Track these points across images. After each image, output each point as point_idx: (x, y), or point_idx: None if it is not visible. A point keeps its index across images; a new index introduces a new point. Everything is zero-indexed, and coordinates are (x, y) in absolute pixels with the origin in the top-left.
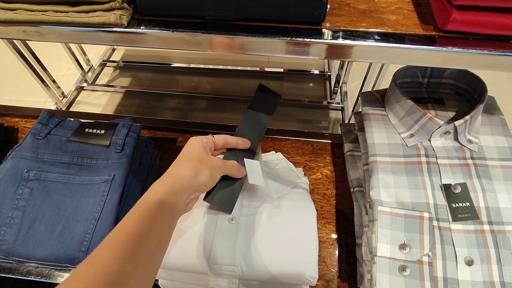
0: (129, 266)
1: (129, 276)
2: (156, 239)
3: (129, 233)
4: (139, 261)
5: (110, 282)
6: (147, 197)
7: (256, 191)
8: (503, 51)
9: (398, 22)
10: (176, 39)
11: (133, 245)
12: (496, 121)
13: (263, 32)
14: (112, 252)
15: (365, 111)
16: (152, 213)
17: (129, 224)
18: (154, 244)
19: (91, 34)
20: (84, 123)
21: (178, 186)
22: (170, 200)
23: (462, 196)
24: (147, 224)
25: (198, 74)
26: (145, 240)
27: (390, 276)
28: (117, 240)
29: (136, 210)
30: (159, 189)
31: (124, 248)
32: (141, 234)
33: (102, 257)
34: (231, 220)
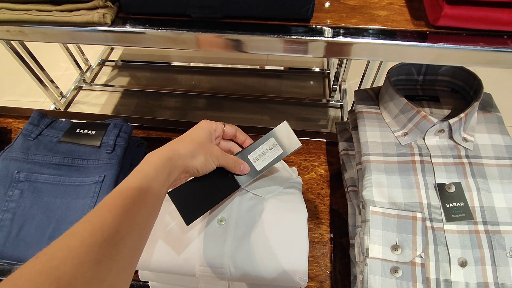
0: (125, 227)
1: (125, 236)
2: (150, 206)
3: (126, 198)
4: (135, 223)
5: (107, 240)
6: (143, 167)
7: (247, 191)
8: (495, 47)
9: (388, 18)
10: (161, 37)
11: (130, 208)
12: (492, 118)
13: (250, 30)
14: (109, 212)
15: (359, 110)
16: (148, 182)
17: (126, 190)
18: (148, 211)
19: (75, 34)
20: (75, 123)
21: (173, 162)
22: (163, 173)
23: (456, 195)
24: (143, 192)
25: (197, 72)
26: (141, 205)
27: (381, 277)
28: (114, 202)
29: (133, 177)
30: (154, 160)
31: (121, 209)
32: (137, 200)
33: (99, 216)
34: (221, 221)
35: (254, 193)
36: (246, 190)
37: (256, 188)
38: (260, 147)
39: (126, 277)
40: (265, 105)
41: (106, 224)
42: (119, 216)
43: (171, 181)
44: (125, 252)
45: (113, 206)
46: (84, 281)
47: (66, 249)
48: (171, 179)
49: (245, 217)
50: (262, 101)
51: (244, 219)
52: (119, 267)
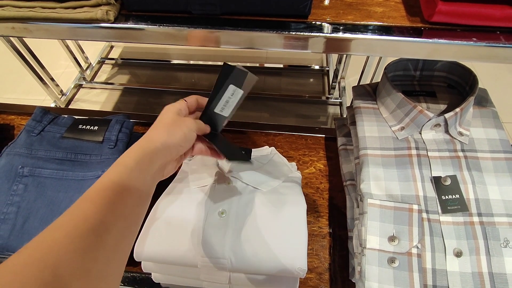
0: (110, 217)
1: (110, 227)
2: (135, 195)
3: (108, 189)
4: (119, 214)
5: (91, 230)
6: (122, 160)
7: (247, 186)
8: (488, 42)
9: (385, 14)
10: (163, 34)
11: (112, 200)
12: (488, 113)
13: (249, 26)
14: (93, 204)
15: (357, 105)
16: (129, 173)
17: (107, 182)
18: (133, 201)
19: (79, 30)
20: (77, 119)
21: (152, 147)
22: (146, 162)
23: (452, 188)
24: (125, 183)
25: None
26: (124, 196)
27: (379, 268)
28: (98, 194)
29: (113, 170)
30: (133, 152)
31: (103, 201)
32: (120, 190)
33: (82, 208)
34: (222, 214)
35: (254, 187)
36: (246, 184)
37: (256, 181)
38: (222, 98)
39: (116, 266)
40: (265, 102)
41: (89, 215)
42: (103, 207)
43: (156, 168)
44: (111, 242)
45: (96, 198)
46: (69, 271)
47: (51, 241)
48: (155, 166)
49: (245, 209)
50: (261, 99)
51: (245, 212)
52: (105, 256)
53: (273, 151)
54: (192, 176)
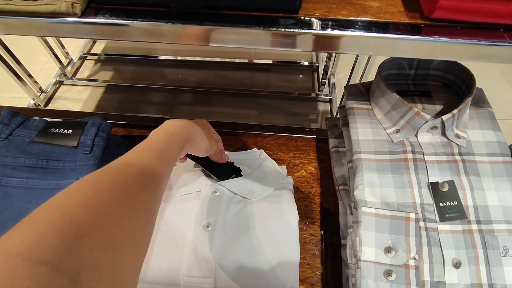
0: (162, 170)
1: (162, 179)
2: (172, 162)
3: (158, 145)
4: (169, 167)
5: (150, 176)
6: (166, 127)
7: (235, 195)
8: (492, 41)
9: (381, 10)
10: (137, 29)
11: (161, 156)
12: (485, 114)
13: (233, 21)
14: (149, 155)
15: (349, 106)
16: (171, 139)
17: (156, 142)
18: (170, 168)
19: (41, 25)
20: (49, 122)
21: (189, 131)
22: (182, 136)
23: (449, 194)
24: (168, 148)
25: (183, 66)
26: (168, 156)
27: (374, 281)
28: (151, 148)
29: (158, 135)
30: (176, 124)
31: (157, 155)
32: (166, 147)
33: (142, 158)
34: (207, 227)
35: (242, 196)
36: (234, 193)
37: (245, 191)
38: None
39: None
40: (254, 99)
41: (146, 164)
42: (157, 159)
43: (186, 147)
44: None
45: (151, 151)
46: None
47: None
48: (187, 145)
49: (232, 222)
50: (250, 96)
51: (232, 224)
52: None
53: (263, 154)
54: (176, 184)
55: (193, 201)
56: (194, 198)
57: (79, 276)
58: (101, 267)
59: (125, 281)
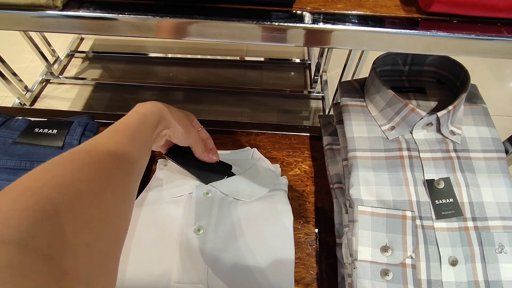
0: (135, 151)
1: (136, 160)
2: (143, 145)
3: (130, 125)
4: (143, 148)
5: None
6: (139, 109)
7: (227, 197)
8: (490, 35)
9: (377, 3)
10: (124, 23)
11: (133, 137)
12: (479, 110)
13: (224, 15)
14: (119, 136)
15: (344, 102)
16: (143, 122)
17: (125, 125)
18: (142, 151)
19: (20, 18)
20: (33, 122)
21: (163, 113)
22: (154, 117)
23: (445, 191)
24: (140, 130)
25: (174, 64)
26: (141, 134)
27: (371, 281)
28: (121, 129)
29: (131, 117)
30: (148, 106)
31: (128, 136)
32: (138, 128)
33: (112, 139)
34: (198, 231)
35: (235, 198)
36: (226, 195)
37: (238, 192)
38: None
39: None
40: (246, 97)
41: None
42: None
43: (159, 128)
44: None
45: (121, 131)
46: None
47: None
48: (160, 126)
49: (225, 224)
50: (242, 93)
51: (224, 227)
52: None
53: (256, 153)
54: (167, 185)
55: (185, 204)
56: (185, 200)
57: (51, 252)
58: (76, 244)
59: (104, 258)
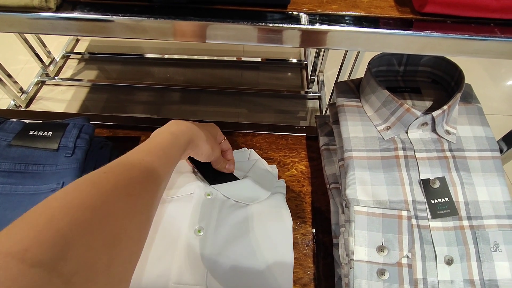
0: (163, 172)
1: (162, 181)
2: (174, 164)
3: (162, 145)
4: (170, 169)
5: (149, 176)
6: (172, 130)
7: (229, 199)
8: (484, 36)
9: (372, 4)
10: (118, 25)
11: (164, 157)
12: (473, 110)
13: (219, 16)
14: (151, 156)
15: (340, 103)
16: (174, 142)
17: (162, 140)
18: (172, 168)
19: (13, 20)
20: (28, 124)
21: (192, 134)
22: (185, 139)
23: (441, 191)
24: (172, 145)
25: (171, 65)
26: (171, 155)
27: (368, 281)
28: (154, 149)
29: (165, 137)
30: (180, 126)
31: (160, 156)
32: (169, 149)
33: (145, 159)
34: (198, 232)
35: (236, 201)
36: (227, 197)
37: (239, 196)
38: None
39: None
40: (243, 97)
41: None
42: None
43: (188, 150)
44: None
45: (153, 151)
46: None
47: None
48: (189, 148)
49: (225, 226)
50: (239, 94)
51: (224, 229)
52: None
53: (253, 154)
54: (168, 185)
55: (185, 204)
56: (186, 201)
57: (73, 277)
58: (97, 268)
59: (119, 282)
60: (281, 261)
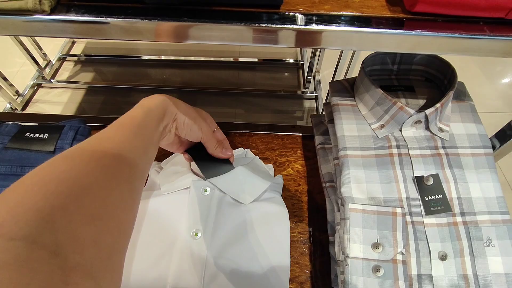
0: (140, 145)
1: (142, 154)
2: (152, 134)
3: (135, 118)
4: (149, 142)
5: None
6: (145, 103)
7: (226, 197)
8: (473, 34)
9: (363, 4)
10: (112, 27)
11: (138, 130)
12: (466, 107)
13: (213, 17)
14: (124, 130)
15: (334, 102)
16: (148, 117)
17: (134, 114)
18: (150, 136)
19: (8, 23)
20: (24, 126)
21: (168, 106)
22: (159, 111)
23: (434, 188)
24: (145, 117)
25: (167, 66)
26: (146, 127)
27: (363, 278)
28: (126, 123)
29: (137, 111)
30: (154, 99)
31: (133, 129)
32: (143, 121)
33: (117, 133)
34: (195, 235)
35: (234, 198)
36: (224, 193)
37: (237, 191)
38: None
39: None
40: (240, 98)
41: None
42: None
43: (165, 120)
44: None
45: (126, 125)
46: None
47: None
48: (166, 118)
49: (222, 228)
50: (236, 94)
51: (222, 231)
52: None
53: (249, 154)
54: (163, 183)
55: (182, 201)
56: (182, 197)
57: (59, 248)
58: (82, 239)
59: (110, 252)
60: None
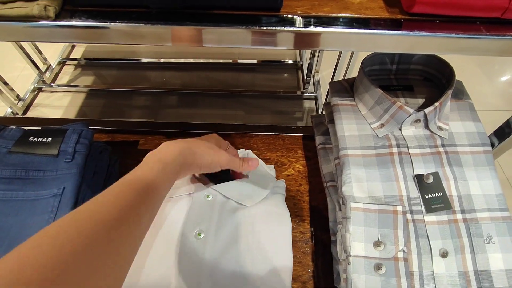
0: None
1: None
2: (158, 200)
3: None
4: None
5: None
6: (160, 157)
7: (228, 200)
8: (470, 34)
9: (362, 5)
10: (116, 31)
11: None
12: (465, 106)
13: (214, 21)
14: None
15: (334, 102)
16: (162, 176)
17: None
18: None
19: (14, 29)
20: (27, 131)
21: (185, 158)
22: (175, 167)
23: (434, 186)
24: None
25: (167, 69)
26: (160, 187)
27: (365, 276)
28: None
29: (150, 169)
30: (170, 151)
31: (143, 192)
32: (157, 180)
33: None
34: (198, 235)
35: (236, 201)
36: (227, 198)
37: (239, 195)
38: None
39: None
40: (239, 99)
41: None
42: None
43: (182, 175)
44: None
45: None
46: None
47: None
48: (181, 173)
49: (225, 230)
50: (236, 96)
51: (224, 233)
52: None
53: (251, 155)
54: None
55: (185, 206)
56: (185, 201)
57: None
58: None
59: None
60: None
